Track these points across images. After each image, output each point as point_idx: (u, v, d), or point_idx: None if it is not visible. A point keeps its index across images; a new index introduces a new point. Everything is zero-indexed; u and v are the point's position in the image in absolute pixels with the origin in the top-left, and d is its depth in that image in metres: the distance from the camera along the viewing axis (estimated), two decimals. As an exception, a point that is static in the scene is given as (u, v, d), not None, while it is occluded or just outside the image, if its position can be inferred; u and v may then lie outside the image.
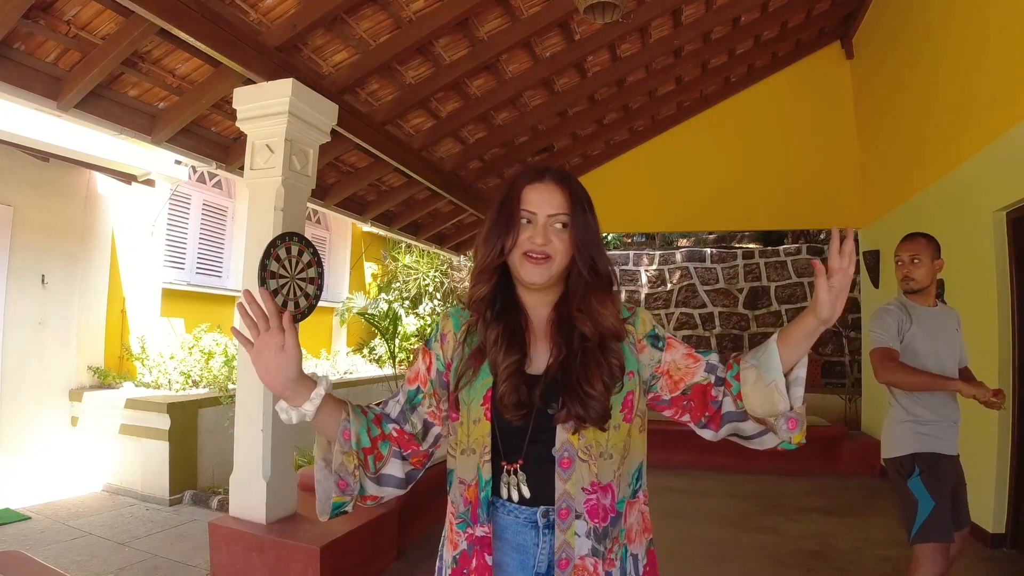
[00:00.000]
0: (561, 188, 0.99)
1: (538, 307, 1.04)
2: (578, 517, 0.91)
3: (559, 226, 0.97)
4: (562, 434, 0.93)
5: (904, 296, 2.27)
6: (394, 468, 1.01)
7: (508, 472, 0.95)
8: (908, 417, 2.18)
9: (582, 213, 0.99)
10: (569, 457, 0.92)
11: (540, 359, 0.99)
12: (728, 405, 0.97)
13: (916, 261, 2.20)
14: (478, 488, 0.95)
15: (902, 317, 2.20)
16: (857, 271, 6.90)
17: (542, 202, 0.98)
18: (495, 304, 1.01)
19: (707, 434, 1.02)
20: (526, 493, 0.94)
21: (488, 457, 0.95)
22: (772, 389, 0.91)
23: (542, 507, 0.94)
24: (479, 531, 0.94)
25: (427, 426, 1.04)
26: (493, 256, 0.99)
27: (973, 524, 3.26)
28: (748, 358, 0.97)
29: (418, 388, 1.05)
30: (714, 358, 1.02)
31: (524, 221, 0.98)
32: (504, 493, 0.95)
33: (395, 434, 1.02)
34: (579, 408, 0.91)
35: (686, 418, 1.02)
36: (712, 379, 0.99)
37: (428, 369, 1.05)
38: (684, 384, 1.00)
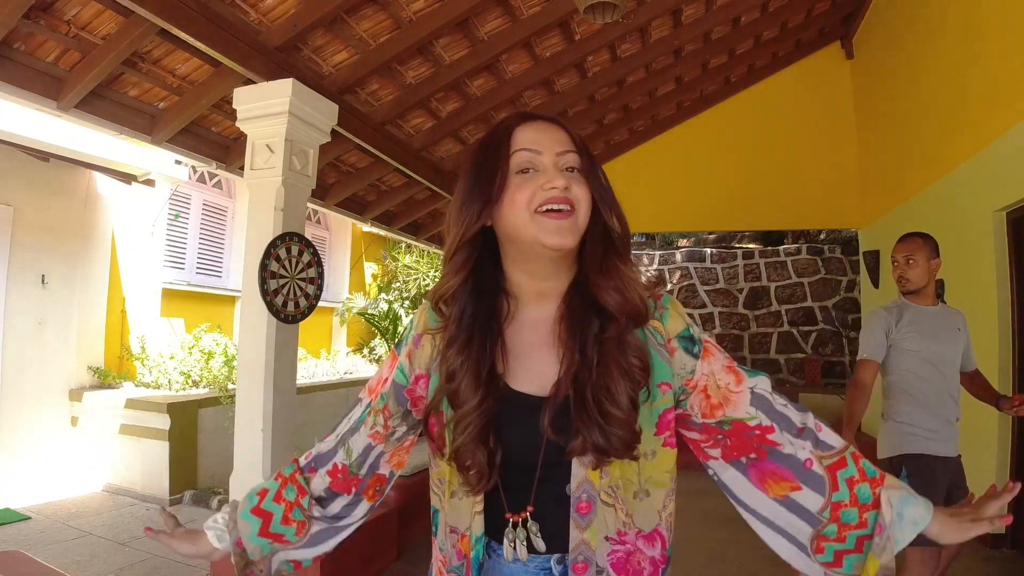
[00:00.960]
0: (560, 127, 0.78)
1: (544, 299, 0.79)
2: (600, 573, 0.72)
3: (571, 169, 0.75)
4: (579, 470, 0.72)
5: (902, 297, 2.27)
6: (350, 508, 0.91)
7: (513, 525, 0.74)
8: (899, 417, 2.18)
9: (588, 155, 0.78)
10: (589, 500, 0.72)
11: (545, 373, 0.75)
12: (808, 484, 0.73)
13: (911, 262, 2.19)
14: (470, 544, 0.76)
15: (891, 319, 2.20)
16: (857, 271, 6.91)
17: (544, 139, 0.75)
18: (464, 310, 0.77)
19: (731, 478, 0.78)
20: (540, 546, 0.73)
21: (481, 508, 0.75)
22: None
23: (557, 554, 0.74)
24: None
25: (367, 452, 0.88)
26: (472, 222, 0.75)
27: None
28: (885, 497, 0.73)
29: (368, 405, 0.88)
30: (763, 383, 0.77)
31: (523, 171, 0.74)
32: (508, 553, 0.74)
33: (333, 481, 0.89)
34: (598, 435, 0.68)
35: (715, 452, 0.78)
36: (762, 421, 0.75)
37: (385, 380, 0.86)
38: (722, 414, 0.76)
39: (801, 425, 0.76)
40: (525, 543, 0.74)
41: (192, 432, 4.14)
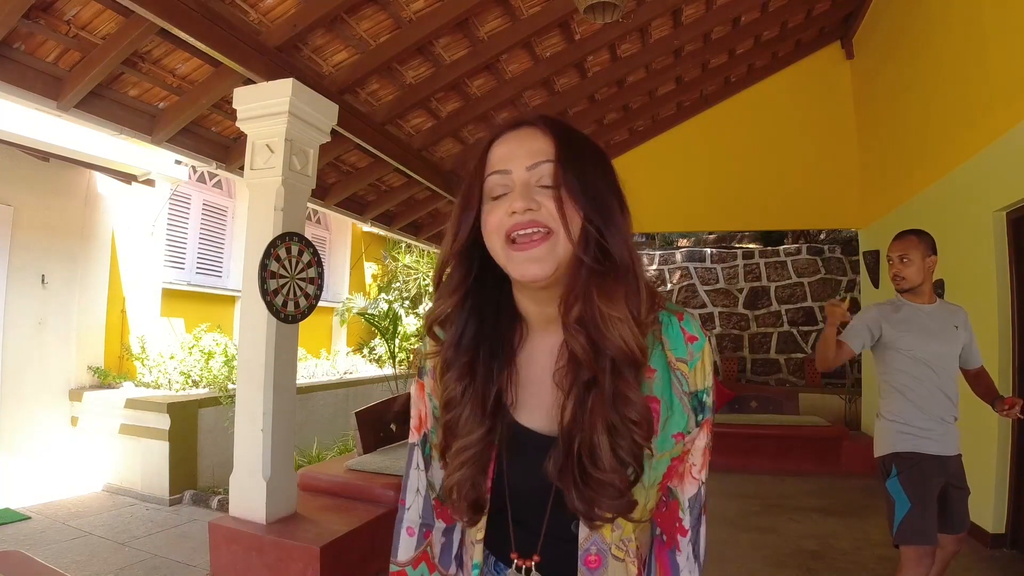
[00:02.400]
0: (542, 130, 0.67)
1: (552, 324, 0.70)
2: None
3: (546, 184, 0.64)
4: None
5: (899, 295, 2.27)
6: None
7: (517, 569, 0.70)
8: (891, 415, 2.19)
9: (577, 160, 0.65)
10: (599, 553, 0.67)
11: (555, 407, 0.66)
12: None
13: (906, 260, 2.19)
14: (470, 570, 0.73)
15: (881, 318, 2.21)
16: (857, 271, 6.91)
17: (515, 154, 0.66)
18: (463, 332, 0.70)
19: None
20: None
21: (482, 536, 0.71)
22: None
23: None
24: None
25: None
26: (453, 247, 0.69)
27: (973, 524, 3.27)
28: None
29: (424, 436, 0.81)
30: (703, 491, 0.73)
31: (495, 196, 0.66)
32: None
33: (442, 516, 0.82)
34: (575, 498, 0.62)
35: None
36: (686, 522, 0.72)
37: (425, 416, 0.81)
38: (676, 485, 0.72)
39: (694, 550, 0.73)
40: None
41: (192, 432, 4.14)
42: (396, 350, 6.38)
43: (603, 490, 0.61)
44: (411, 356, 0.88)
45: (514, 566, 0.70)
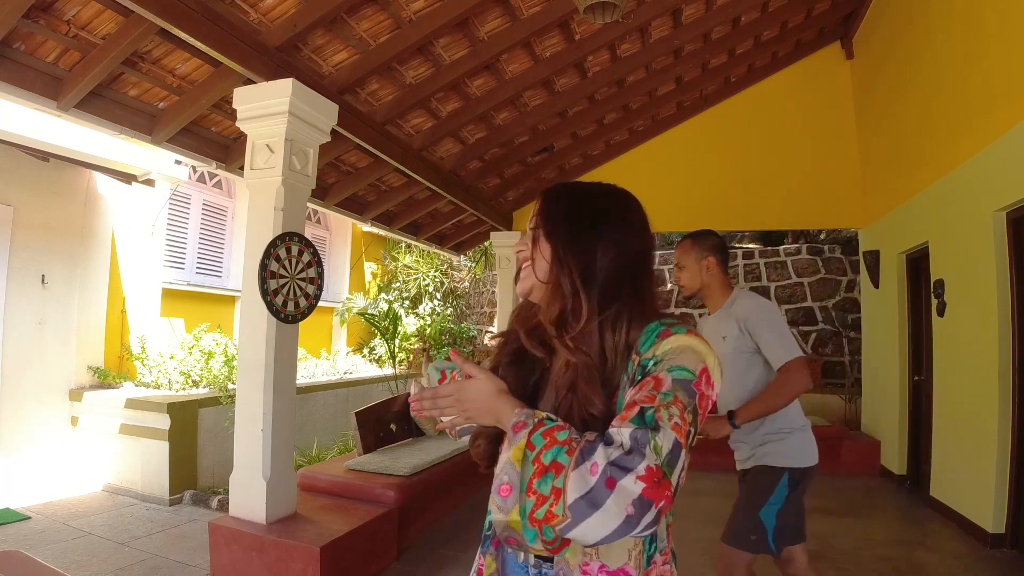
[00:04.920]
0: (538, 199, 0.94)
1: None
2: None
3: (534, 235, 0.91)
4: None
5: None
6: None
7: None
8: (802, 424, 2.16)
9: (556, 220, 0.88)
10: None
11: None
12: None
13: (681, 267, 2.09)
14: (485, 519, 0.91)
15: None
16: (857, 271, 6.91)
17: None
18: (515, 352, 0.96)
19: None
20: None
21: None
22: None
23: (535, 559, 0.82)
24: (477, 563, 0.92)
25: None
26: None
27: (973, 524, 3.27)
28: None
29: None
30: (625, 434, 0.68)
31: None
32: (526, 557, 0.84)
33: None
34: None
35: None
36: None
37: None
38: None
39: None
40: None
41: (192, 432, 4.14)
42: (396, 350, 6.38)
43: None
44: (411, 355, 1.06)
45: None
